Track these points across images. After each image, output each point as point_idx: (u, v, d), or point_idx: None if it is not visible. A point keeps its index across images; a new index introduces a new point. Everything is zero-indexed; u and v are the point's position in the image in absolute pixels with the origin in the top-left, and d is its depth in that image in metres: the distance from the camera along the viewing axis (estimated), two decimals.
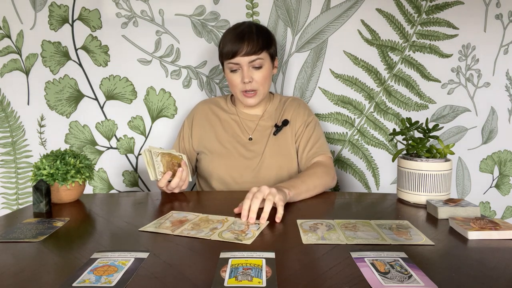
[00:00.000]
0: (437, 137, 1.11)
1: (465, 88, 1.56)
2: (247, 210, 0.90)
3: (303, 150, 1.30)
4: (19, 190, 1.59)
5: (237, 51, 1.23)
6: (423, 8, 1.50)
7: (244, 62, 1.24)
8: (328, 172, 1.23)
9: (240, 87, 1.28)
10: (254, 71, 1.26)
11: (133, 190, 1.61)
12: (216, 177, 1.30)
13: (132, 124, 1.57)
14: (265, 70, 1.27)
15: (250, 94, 1.29)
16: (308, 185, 1.12)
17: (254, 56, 1.24)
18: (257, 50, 1.24)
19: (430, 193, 1.04)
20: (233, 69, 1.27)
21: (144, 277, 0.63)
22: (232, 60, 1.25)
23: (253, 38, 1.24)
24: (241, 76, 1.26)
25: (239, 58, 1.24)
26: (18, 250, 0.75)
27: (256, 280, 0.61)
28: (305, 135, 1.32)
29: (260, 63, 1.26)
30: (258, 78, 1.27)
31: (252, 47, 1.23)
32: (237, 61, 1.25)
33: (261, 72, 1.27)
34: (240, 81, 1.27)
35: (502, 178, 1.63)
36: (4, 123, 1.56)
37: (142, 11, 1.50)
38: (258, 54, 1.24)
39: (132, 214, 1.01)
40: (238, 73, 1.27)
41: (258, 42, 1.24)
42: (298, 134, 1.33)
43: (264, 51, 1.26)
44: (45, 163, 1.03)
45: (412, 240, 0.78)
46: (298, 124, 1.34)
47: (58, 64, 1.52)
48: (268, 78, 1.30)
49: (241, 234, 0.81)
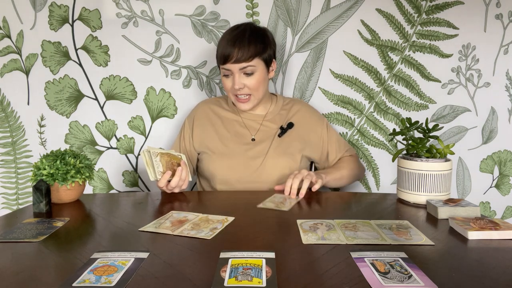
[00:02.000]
0: (437, 137, 1.11)
1: (465, 88, 1.56)
2: (289, 187, 1.12)
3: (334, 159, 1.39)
4: (19, 190, 1.59)
5: (228, 57, 1.22)
6: (423, 8, 1.50)
7: (235, 68, 1.24)
8: (359, 166, 1.44)
9: (233, 92, 1.28)
10: (245, 78, 1.25)
11: (133, 190, 1.61)
12: (219, 177, 1.30)
13: (132, 124, 1.57)
14: (257, 76, 1.26)
15: (244, 100, 1.29)
16: (342, 173, 1.33)
17: (245, 63, 1.23)
18: (247, 58, 1.22)
19: (430, 193, 1.04)
20: (226, 74, 1.27)
21: (144, 277, 0.63)
22: (223, 66, 1.25)
23: (244, 45, 1.22)
24: (232, 81, 1.26)
25: (229, 65, 1.23)
26: (18, 250, 0.75)
27: (256, 280, 0.61)
28: (330, 137, 1.39)
29: (252, 70, 1.24)
30: (250, 85, 1.26)
31: (243, 54, 1.21)
32: (228, 67, 1.24)
33: (253, 79, 1.25)
34: (231, 86, 1.27)
35: (502, 178, 1.63)
36: (4, 123, 1.56)
37: (142, 11, 1.50)
38: (249, 61, 1.23)
39: (132, 214, 1.01)
40: (230, 78, 1.27)
41: (250, 49, 1.22)
42: (323, 139, 1.38)
43: (256, 58, 1.24)
44: (45, 163, 1.03)
45: (412, 240, 0.78)
46: (314, 140, 1.37)
47: (58, 64, 1.52)
48: (262, 83, 1.29)
49: (280, 204, 1.03)
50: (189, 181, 1.18)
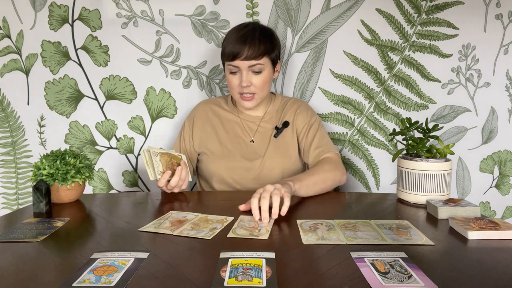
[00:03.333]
0: (437, 137, 1.11)
1: (465, 88, 1.56)
2: (257, 210, 0.91)
3: (309, 150, 1.30)
4: (19, 190, 1.59)
5: (237, 54, 1.22)
6: (423, 8, 1.50)
7: (243, 66, 1.24)
8: (337, 167, 1.24)
9: (238, 90, 1.28)
10: (253, 76, 1.26)
11: (133, 190, 1.61)
12: (217, 178, 1.30)
13: (132, 124, 1.56)
14: (264, 75, 1.27)
15: (248, 98, 1.28)
16: (315, 178, 1.14)
17: (254, 61, 1.23)
18: (257, 55, 1.23)
19: (430, 193, 1.04)
20: (233, 71, 1.27)
21: (144, 277, 0.63)
22: (232, 62, 1.25)
23: (255, 43, 1.23)
24: (240, 79, 1.26)
25: (238, 62, 1.23)
26: (18, 250, 0.75)
27: (256, 280, 0.61)
28: (309, 136, 1.32)
29: (260, 68, 1.25)
30: (257, 83, 1.26)
31: (253, 52, 1.22)
32: (236, 64, 1.24)
33: (260, 77, 1.26)
34: (238, 84, 1.27)
35: (502, 178, 1.63)
36: (4, 123, 1.56)
37: (142, 11, 1.50)
38: (258, 59, 1.23)
39: (132, 214, 1.01)
40: (237, 75, 1.27)
41: (260, 47, 1.23)
42: (301, 135, 1.33)
43: (265, 56, 1.25)
44: (45, 163, 1.03)
45: (412, 240, 0.78)
46: (300, 126, 1.34)
47: (58, 64, 1.52)
48: (268, 82, 1.29)
49: (255, 230, 0.83)
50: (189, 181, 1.18)
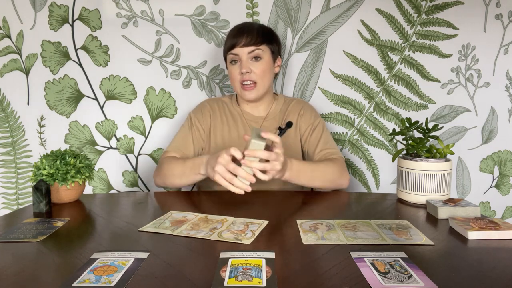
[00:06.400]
0: (437, 137, 1.11)
1: (465, 88, 1.56)
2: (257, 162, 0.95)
3: (313, 153, 1.31)
4: (19, 190, 1.59)
5: (236, 42, 1.26)
6: (423, 8, 1.50)
7: (243, 52, 1.26)
8: (340, 169, 1.23)
9: (239, 79, 1.29)
10: (253, 63, 1.28)
11: (133, 190, 1.61)
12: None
13: (132, 124, 1.56)
14: (264, 63, 1.28)
15: (249, 87, 1.28)
16: (314, 167, 1.18)
17: (253, 47, 1.26)
18: (256, 42, 1.26)
19: (430, 193, 1.04)
20: (233, 60, 1.29)
21: (144, 277, 0.63)
22: (232, 51, 1.28)
23: (252, 31, 1.27)
24: (240, 68, 1.28)
25: (238, 49, 1.26)
26: (18, 250, 0.75)
27: (256, 280, 0.61)
28: (313, 138, 1.33)
29: (259, 54, 1.27)
30: (257, 70, 1.27)
31: (252, 39, 1.26)
32: (236, 52, 1.27)
33: (260, 64, 1.27)
34: (238, 73, 1.28)
35: (502, 178, 1.63)
36: (4, 123, 1.56)
37: (142, 11, 1.50)
38: (257, 45, 1.26)
39: (132, 214, 1.01)
40: (237, 64, 1.29)
41: (258, 35, 1.27)
42: (304, 137, 1.34)
43: (264, 44, 1.28)
44: (45, 163, 1.03)
45: (412, 240, 0.78)
46: (304, 127, 1.34)
47: (58, 64, 1.52)
48: (268, 72, 1.30)
49: (241, 234, 0.81)
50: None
